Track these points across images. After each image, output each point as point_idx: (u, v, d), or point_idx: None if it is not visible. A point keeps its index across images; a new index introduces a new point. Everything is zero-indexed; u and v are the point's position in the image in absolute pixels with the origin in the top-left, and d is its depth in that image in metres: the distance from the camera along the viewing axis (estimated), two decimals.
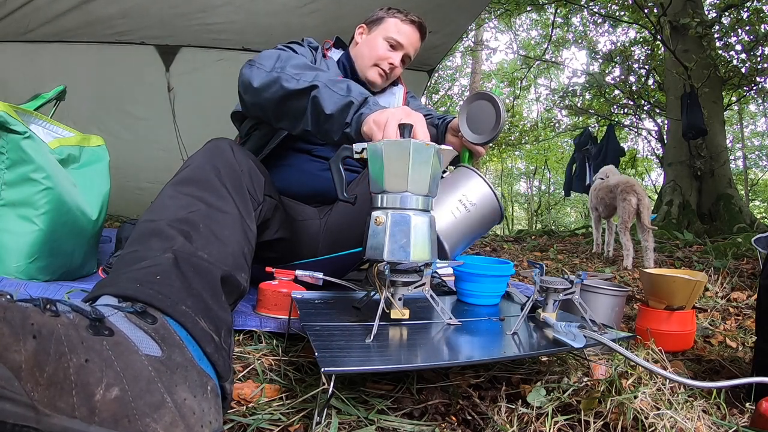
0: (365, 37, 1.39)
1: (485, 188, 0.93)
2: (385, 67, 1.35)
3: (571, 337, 0.74)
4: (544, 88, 12.97)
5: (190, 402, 0.49)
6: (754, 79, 5.47)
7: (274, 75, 1.01)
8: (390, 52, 1.35)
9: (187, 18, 3.09)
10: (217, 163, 0.86)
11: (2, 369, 0.38)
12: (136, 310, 0.53)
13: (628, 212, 2.81)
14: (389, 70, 1.36)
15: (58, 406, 0.40)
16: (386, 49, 1.35)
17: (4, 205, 1.14)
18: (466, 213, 0.91)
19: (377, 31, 1.37)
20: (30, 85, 1.89)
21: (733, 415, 0.77)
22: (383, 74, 1.36)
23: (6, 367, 0.38)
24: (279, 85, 1.00)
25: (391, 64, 1.35)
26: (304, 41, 1.36)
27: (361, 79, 1.37)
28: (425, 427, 0.67)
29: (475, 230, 0.94)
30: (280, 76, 1.00)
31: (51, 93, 1.49)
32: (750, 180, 12.19)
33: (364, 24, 1.42)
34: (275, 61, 1.05)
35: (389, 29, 1.35)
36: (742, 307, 1.66)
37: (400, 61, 1.37)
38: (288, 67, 1.01)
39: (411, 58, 1.41)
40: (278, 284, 1.11)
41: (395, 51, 1.36)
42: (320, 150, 1.33)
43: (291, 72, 1.00)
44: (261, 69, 1.05)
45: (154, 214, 0.73)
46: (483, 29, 11.20)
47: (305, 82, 0.97)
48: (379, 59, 1.35)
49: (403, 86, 1.50)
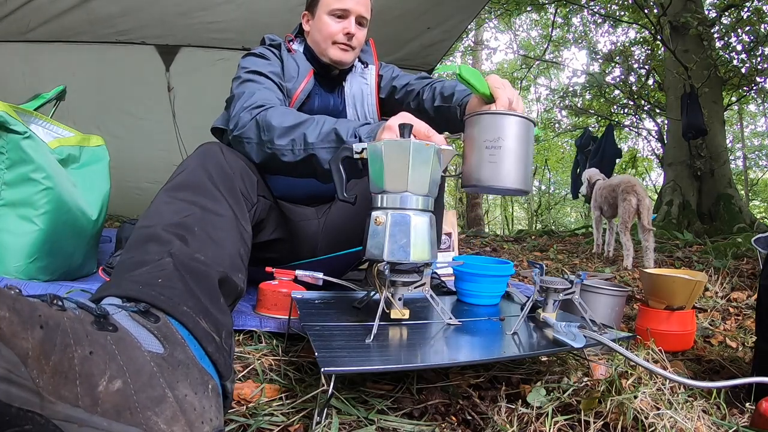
0: (312, 23, 1.33)
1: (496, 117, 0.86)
2: (342, 40, 1.28)
3: (571, 337, 0.74)
4: (544, 88, 12.97)
5: (191, 398, 0.50)
6: (754, 79, 5.47)
7: (268, 152, 1.01)
8: (340, 23, 1.28)
9: (187, 17, 3.09)
10: (209, 166, 0.87)
11: (10, 354, 0.39)
12: (140, 310, 0.55)
13: (628, 212, 2.82)
14: (348, 40, 1.29)
15: (62, 395, 0.41)
16: (335, 23, 1.28)
17: (4, 205, 1.14)
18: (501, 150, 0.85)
19: (318, 10, 1.30)
20: (30, 85, 1.89)
21: (733, 415, 0.77)
22: (346, 47, 1.30)
23: (14, 353, 0.39)
24: (279, 161, 1.01)
25: (347, 33, 1.28)
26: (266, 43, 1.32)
27: (327, 63, 1.31)
28: (425, 427, 0.67)
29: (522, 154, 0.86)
30: (274, 152, 1.01)
31: (51, 93, 1.49)
32: (750, 180, 12.19)
33: (305, 11, 1.36)
34: (256, 129, 1.03)
35: (328, 2, 1.28)
36: (742, 307, 1.66)
37: (355, 25, 1.29)
38: (275, 138, 1.00)
39: (366, 17, 1.32)
40: (278, 284, 1.11)
41: (345, 20, 1.29)
42: None
43: (281, 144, 1.00)
44: (251, 143, 1.04)
45: (150, 220, 0.74)
46: (483, 29, 11.19)
47: (300, 151, 0.99)
48: (332, 36, 1.28)
49: (375, 66, 1.41)
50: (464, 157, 0.88)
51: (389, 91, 1.38)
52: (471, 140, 0.87)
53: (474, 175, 0.85)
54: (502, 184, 0.84)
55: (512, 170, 0.85)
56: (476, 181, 0.85)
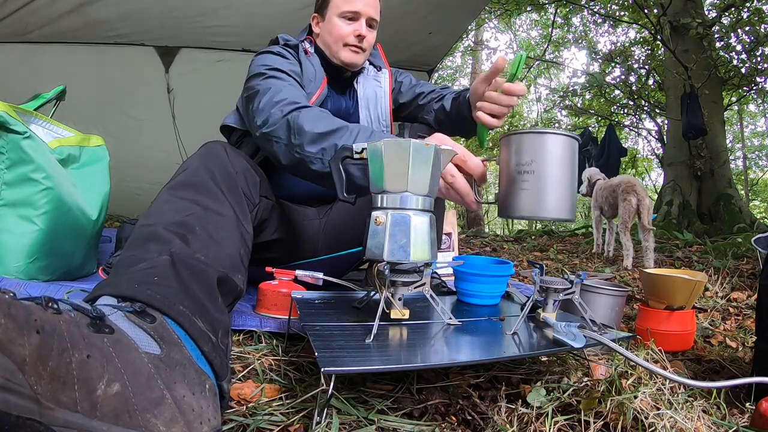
0: (322, 25, 1.34)
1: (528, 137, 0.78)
2: (353, 42, 1.29)
3: (571, 337, 0.74)
4: (544, 88, 12.98)
5: (189, 399, 0.50)
6: (754, 79, 5.47)
7: (296, 156, 0.97)
8: (351, 25, 1.29)
9: (186, 21, 3.10)
10: (211, 166, 0.87)
11: (7, 362, 0.38)
12: (135, 310, 0.54)
13: (628, 212, 2.82)
14: (359, 42, 1.30)
15: (61, 400, 0.41)
16: (346, 25, 1.29)
17: (4, 205, 1.14)
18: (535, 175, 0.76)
19: (328, 12, 1.31)
20: (30, 85, 1.89)
21: (733, 415, 0.77)
22: (356, 50, 1.30)
23: (10, 360, 0.38)
24: (307, 168, 0.97)
25: (358, 35, 1.29)
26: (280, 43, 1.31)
27: (339, 66, 1.32)
28: (425, 427, 0.67)
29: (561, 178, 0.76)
30: (303, 158, 0.97)
31: (51, 93, 1.49)
32: (750, 180, 12.19)
33: (315, 13, 1.37)
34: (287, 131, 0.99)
35: (338, 5, 1.29)
36: (742, 307, 1.66)
37: (366, 28, 1.30)
38: (306, 144, 0.96)
39: (376, 19, 1.33)
40: (278, 284, 1.11)
41: (355, 22, 1.29)
42: None
43: (311, 152, 0.96)
44: (279, 143, 1.00)
45: (151, 219, 0.74)
46: (483, 29, 11.20)
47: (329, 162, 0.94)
48: (343, 38, 1.29)
49: (387, 69, 1.43)
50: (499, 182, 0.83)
51: (412, 97, 1.43)
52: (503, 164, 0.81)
53: (507, 203, 0.80)
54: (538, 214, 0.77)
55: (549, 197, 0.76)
56: (509, 210, 0.79)
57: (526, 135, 0.79)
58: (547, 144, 0.77)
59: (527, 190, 0.77)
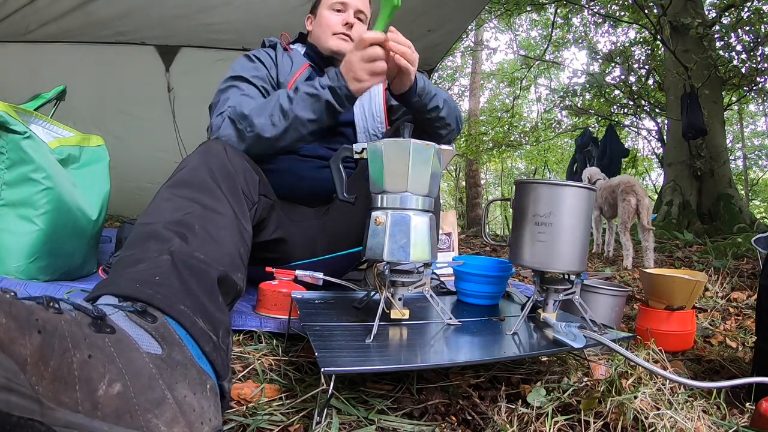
0: (314, 21, 1.42)
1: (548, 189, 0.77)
2: (341, 30, 1.35)
3: (571, 337, 0.74)
4: (544, 88, 12.97)
5: (190, 399, 0.50)
6: (754, 79, 5.47)
7: (250, 135, 1.05)
8: (339, 15, 1.36)
9: (186, 19, 3.09)
10: (211, 164, 0.87)
11: (8, 362, 0.38)
12: (137, 309, 0.54)
13: (627, 212, 2.82)
14: (348, 29, 1.35)
15: (62, 400, 0.41)
16: (334, 15, 1.36)
17: (4, 205, 1.14)
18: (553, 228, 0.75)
19: (320, 8, 1.39)
20: (30, 85, 1.89)
21: (733, 415, 0.77)
22: (345, 37, 1.36)
23: (12, 360, 0.38)
24: (264, 140, 1.05)
25: (347, 23, 1.35)
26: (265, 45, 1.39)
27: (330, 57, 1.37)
28: (425, 427, 0.67)
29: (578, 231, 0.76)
30: (256, 133, 1.04)
31: (51, 93, 1.49)
32: (750, 180, 12.18)
33: (309, 14, 1.45)
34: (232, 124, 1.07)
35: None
36: (742, 307, 1.66)
37: (354, 18, 1.36)
38: (254, 120, 1.05)
39: (364, 12, 1.39)
40: (278, 284, 1.11)
41: (344, 12, 1.36)
42: (306, 148, 1.29)
43: (261, 122, 1.04)
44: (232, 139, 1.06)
45: (150, 217, 0.74)
46: (483, 29, 11.18)
47: (279, 119, 1.04)
48: (331, 27, 1.35)
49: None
50: (512, 228, 0.82)
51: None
52: (519, 211, 0.79)
53: (521, 252, 0.80)
54: (551, 266, 0.77)
55: (564, 250, 0.76)
56: (523, 260, 0.80)
57: (545, 186, 0.79)
58: (566, 197, 0.76)
59: (543, 242, 0.77)
